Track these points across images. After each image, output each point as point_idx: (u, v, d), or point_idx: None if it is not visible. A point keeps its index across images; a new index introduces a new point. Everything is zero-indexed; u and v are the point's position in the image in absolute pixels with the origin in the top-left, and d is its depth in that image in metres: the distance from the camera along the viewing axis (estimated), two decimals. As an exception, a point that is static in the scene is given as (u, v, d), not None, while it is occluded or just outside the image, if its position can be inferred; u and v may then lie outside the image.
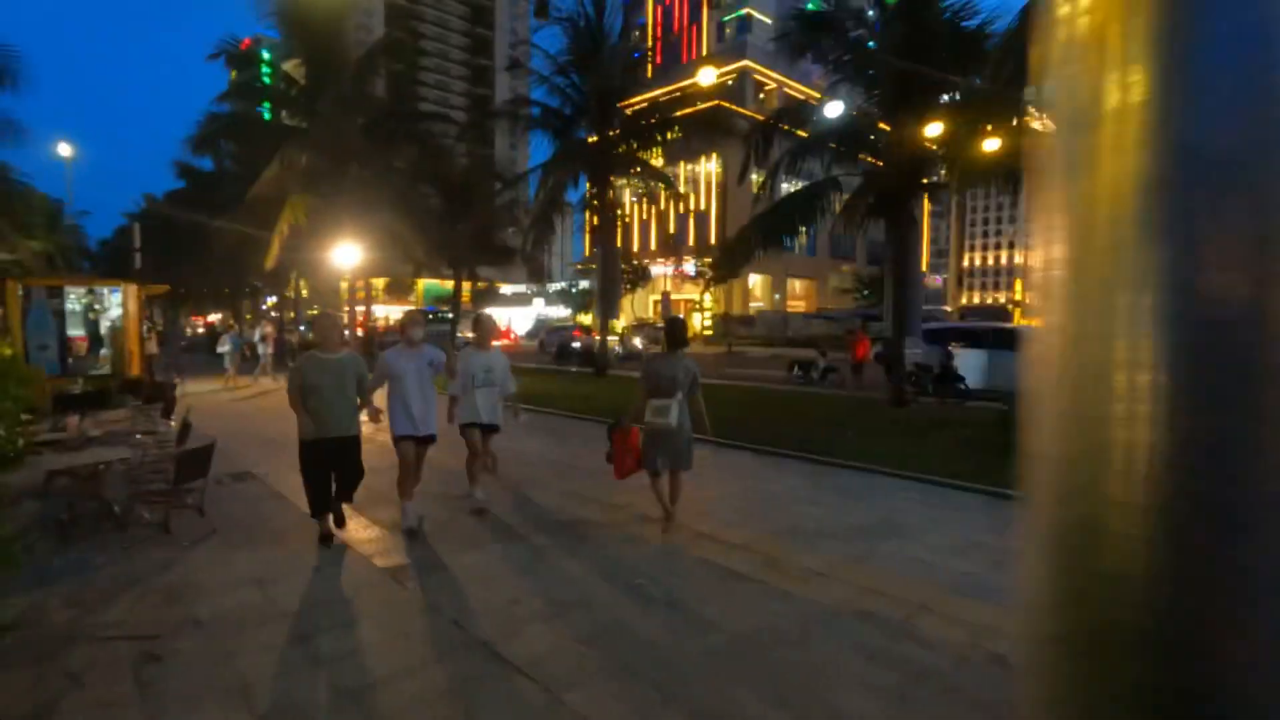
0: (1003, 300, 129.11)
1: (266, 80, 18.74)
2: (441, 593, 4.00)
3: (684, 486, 5.49)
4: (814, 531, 5.12)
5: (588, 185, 19.24)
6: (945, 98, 11.95)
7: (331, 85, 17.33)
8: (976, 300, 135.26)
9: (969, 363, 14.18)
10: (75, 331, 14.00)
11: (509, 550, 4.75)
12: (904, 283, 12.54)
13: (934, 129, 9.55)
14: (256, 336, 17.56)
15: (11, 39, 12.14)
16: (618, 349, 26.67)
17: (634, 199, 24.79)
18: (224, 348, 16.71)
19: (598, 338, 27.52)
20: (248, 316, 44.06)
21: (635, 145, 18.53)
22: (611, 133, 17.79)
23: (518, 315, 61.34)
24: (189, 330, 45.79)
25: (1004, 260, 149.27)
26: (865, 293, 44.75)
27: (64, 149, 30.55)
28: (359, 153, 18.64)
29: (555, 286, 70.21)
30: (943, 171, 12.69)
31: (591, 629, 3.51)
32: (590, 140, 18.27)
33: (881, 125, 12.32)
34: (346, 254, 18.58)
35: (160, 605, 3.82)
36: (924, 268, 74.17)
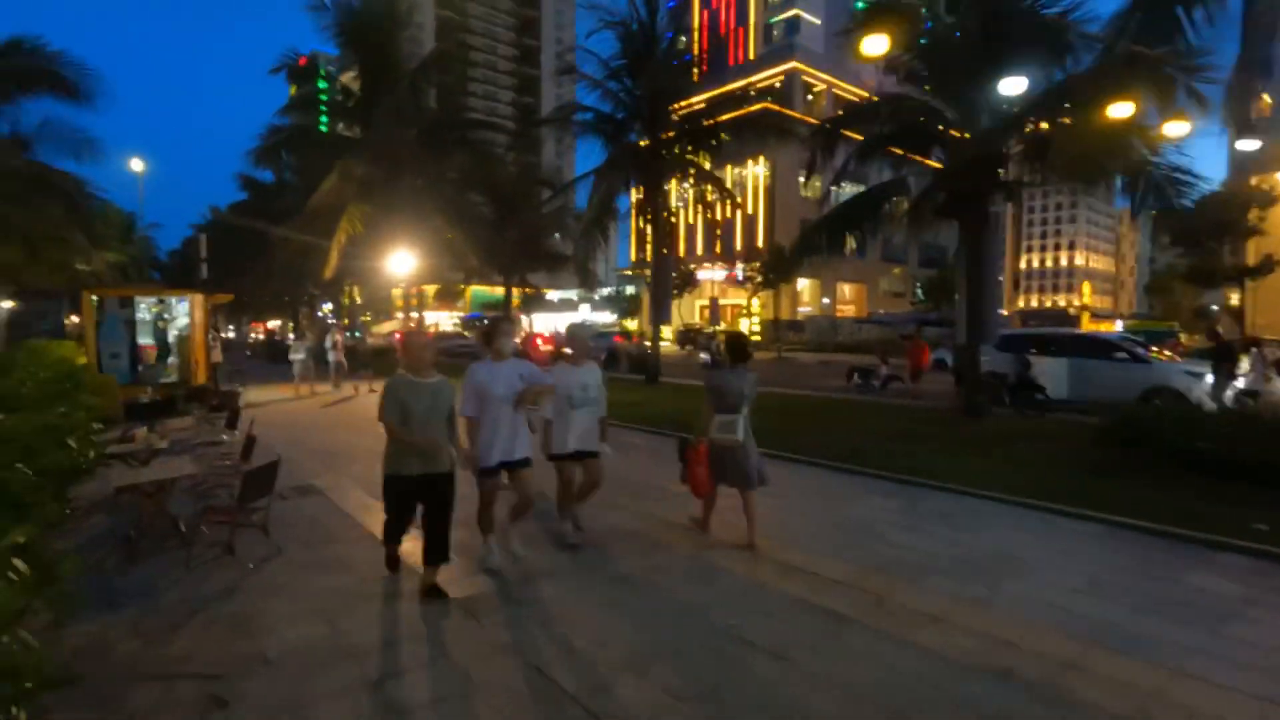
0: (1062, 303, 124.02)
1: (323, 95, 19.06)
2: (520, 631, 3.68)
3: (760, 509, 5.10)
4: (918, 565, 4.62)
5: (638, 190, 19.00)
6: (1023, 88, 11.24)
7: (386, 95, 17.50)
8: (1034, 303, 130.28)
9: (1048, 371, 13.33)
10: (145, 340, 14.39)
11: (587, 581, 4.40)
12: (978, 287, 11.82)
13: (1122, 109, 8.55)
14: (327, 344, 17.57)
15: (88, 58, 12.52)
16: (703, 356, 25.34)
17: (680, 203, 24.37)
18: (297, 355, 16.79)
19: (638, 343, 27.15)
20: (304, 323, 45.34)
21: (688, 148, 18.18)
22: (664, 135, 17.48)
23: (564, 321, 61.75)
24: (252, 336, 47.22)
25: (1063, 262, 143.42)
26: (922, 296, 43.34)
27: (136, 164, 32.01)
28: (413, 161, 18.80)
29: (602, 292, 70.48)
30: (1000, 171, 11.91)
31: (690, 681, 3.13)
32: (642, 144, 17.99)
33: (950, 132, 11.67)
34: (401, 261, 18.80)
35: (226, 637, 3.61)
36: (980, 270, 71.99)
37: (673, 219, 20.14)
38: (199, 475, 5.99)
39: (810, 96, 63.03)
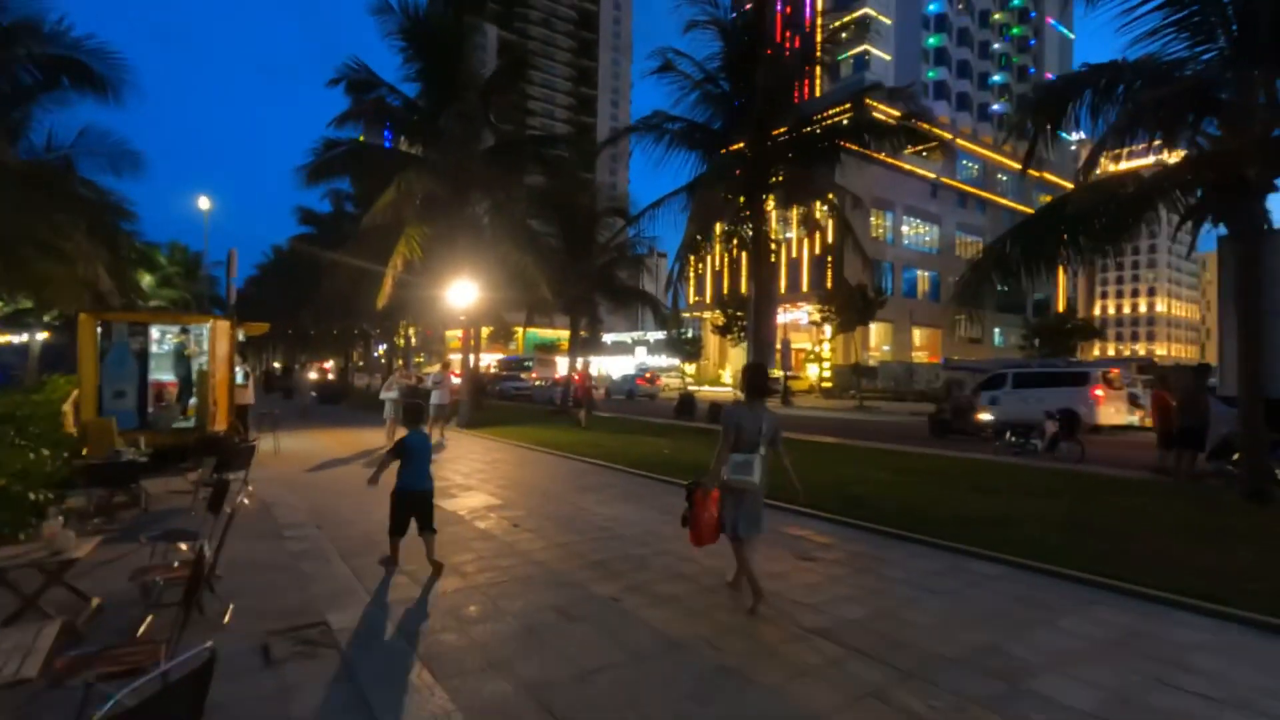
0: (1142, 352, 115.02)
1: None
2: None
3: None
4: None
5: (728, 216, 16.24)
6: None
7: (454, 103, 15.40)
8: (1111, 352, 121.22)
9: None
10: (165, 376, 12.17)
11: None
12: (1254, 318, 8.47)
13: None
14: (430, 383, 14.58)
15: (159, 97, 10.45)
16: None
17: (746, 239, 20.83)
18: (389, 393, 13.94)
19: (659, 384, 23.99)
20: (359, 363, 43.91)
21: (795, 160, 15.42)
22: (772, 137, 14.80)
23: (616, 365, 59.00)
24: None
25: (1142, 309, 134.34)
26: (1034, 342, 39.22)
27: (203, 202, 31.29)
28: (479, 179, 16.61)
29: (655, 336, 68.02)
30: None
31: None
32: (742, 155, 15.31)
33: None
34: (462, 293, 16.40)
35: None
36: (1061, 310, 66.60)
37: (774, 246, 17.25)
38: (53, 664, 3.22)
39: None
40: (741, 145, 15.42)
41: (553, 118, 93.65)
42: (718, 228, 15.80)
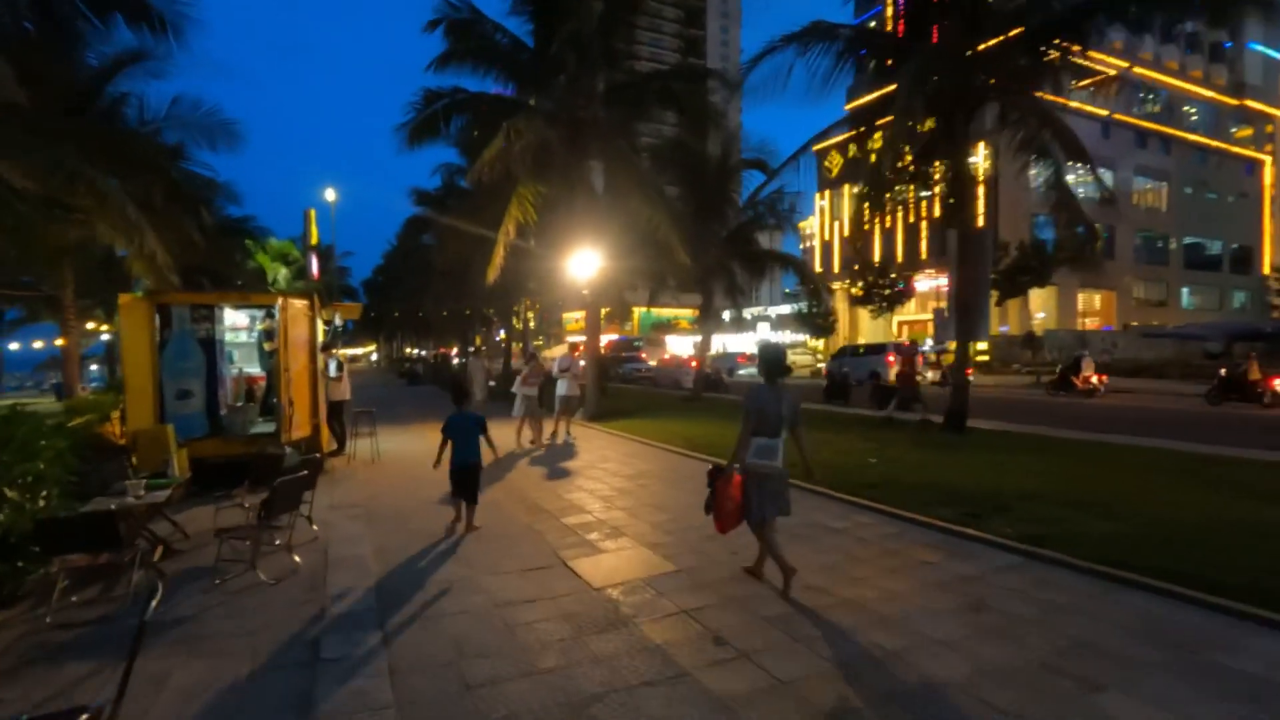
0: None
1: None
2: None
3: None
4: None
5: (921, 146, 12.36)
6: None
7: (568, 25, 12.64)
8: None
9: None
10: (253, 369, 10.40)
11: None
12: None
13: None
14: (556, 369, 12.01)
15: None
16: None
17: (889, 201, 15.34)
18: (527, 389, 11.33)
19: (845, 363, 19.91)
20: (481, 347, 43.19)
21: (1023, 57, 11.34)
22: (985, 30, 10.86)
23: (734, 342, 55.32)
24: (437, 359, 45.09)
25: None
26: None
27: (329, 194, 31.11)
28: (598, 125, 13.85)
29: (777, 310, 63.57)
30: None
31: None
32: (941, 59, 11.42)
33: None
34: (584, 264, 13.83)
35: None
36: (1266, 264, 55.58)
37: (979, 182, 13.21)
38: None
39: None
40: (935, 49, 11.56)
41: (660, 61, 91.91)
42: (906, 158, 12.04)
